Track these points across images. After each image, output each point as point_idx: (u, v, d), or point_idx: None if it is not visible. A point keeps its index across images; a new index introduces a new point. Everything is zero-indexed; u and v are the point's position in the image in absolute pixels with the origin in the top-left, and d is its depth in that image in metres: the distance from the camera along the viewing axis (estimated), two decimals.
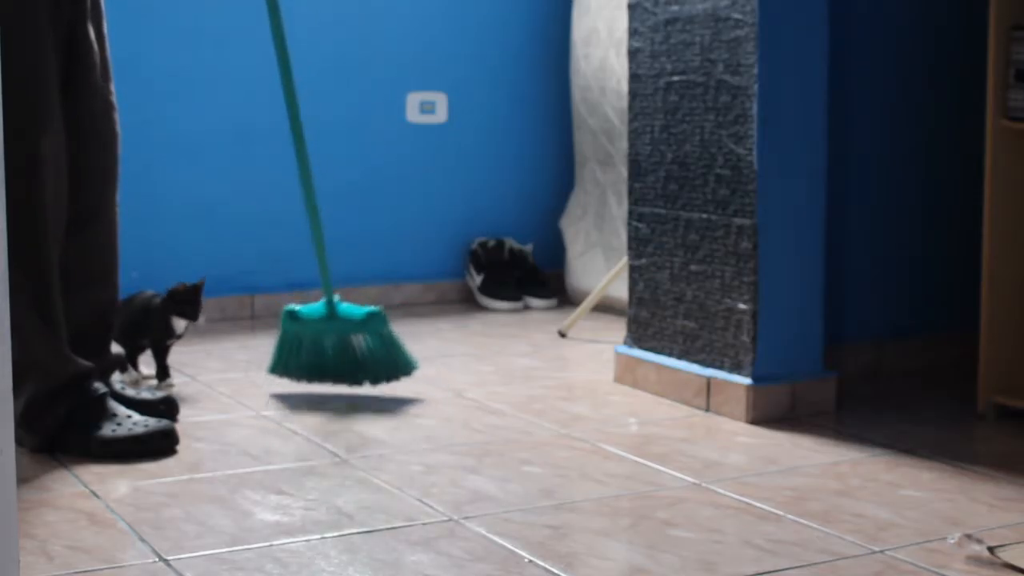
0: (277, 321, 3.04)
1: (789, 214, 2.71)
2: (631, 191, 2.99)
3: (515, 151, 4.30)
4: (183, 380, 3.06)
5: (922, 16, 3.12)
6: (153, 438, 2.42)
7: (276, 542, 1.96)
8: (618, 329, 3.60)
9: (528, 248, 4.21)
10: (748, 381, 2.69)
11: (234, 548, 1.93)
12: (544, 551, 1.92)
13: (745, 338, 2.70)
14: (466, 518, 2.07)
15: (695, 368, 2.82)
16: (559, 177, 4.34)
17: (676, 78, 2.84)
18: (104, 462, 2.37)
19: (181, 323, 2.96)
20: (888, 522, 2.05)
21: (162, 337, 2.98)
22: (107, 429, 2.42)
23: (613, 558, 1.91)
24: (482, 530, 2.01)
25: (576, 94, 4.12)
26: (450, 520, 2.06)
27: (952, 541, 1.90)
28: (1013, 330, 2.75)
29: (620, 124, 3.86)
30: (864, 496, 2.19)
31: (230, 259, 3.89)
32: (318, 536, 1.98)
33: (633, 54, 2.96)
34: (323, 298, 2.91)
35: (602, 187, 4.03)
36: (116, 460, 2.37)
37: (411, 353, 2.93)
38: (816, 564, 1.87)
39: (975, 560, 1.87)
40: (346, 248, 4.01)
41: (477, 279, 4.14)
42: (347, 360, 2.90)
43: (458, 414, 2.76)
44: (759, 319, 2.69)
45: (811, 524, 2.04)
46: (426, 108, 4.15)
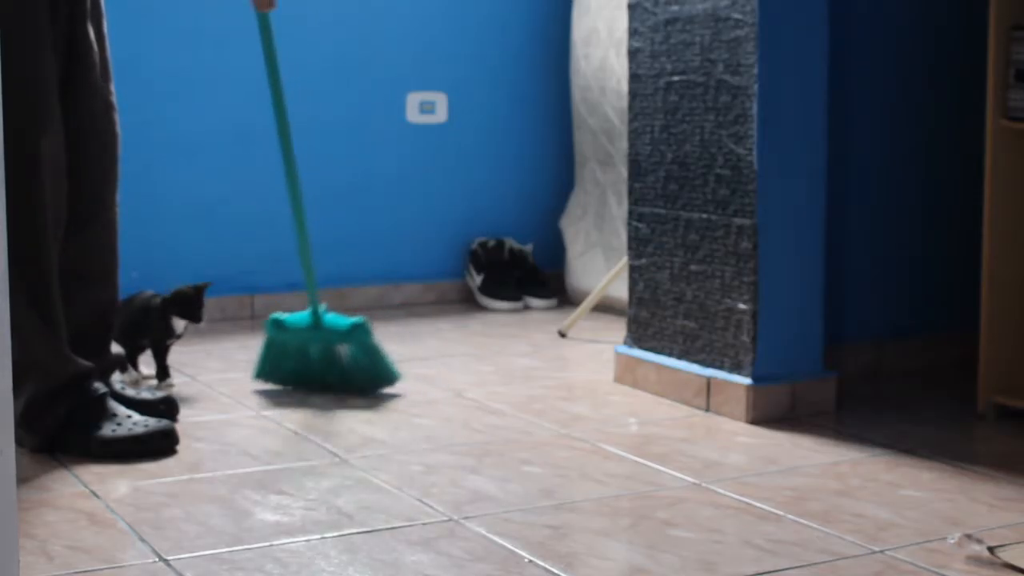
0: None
1: (789, 214, 2.71)
2: (631, 191, 2.99)
3: (515, 151, 4.30)
4: (183, 380, 3.06)
5: (922, 16, 3.12)
6: (153, 438, 2.42)
7: (276, 542, 1.96)
8: (618, 329, 3.60)
9: (528, 248, 4.20)
10: (748, 381, 2.69)
11: (234, 548, 1.93)
12: (544, 551, 1.92)
13: (745, 338, 2.70)
14: (466, 518, 2.07)
15: (695, 368, 2.81)
16: (559, 177, 4.33)
17: (676, 78, 2.84)
18: (104, 462, 2.37)
19: (181, 323, 2.96)
20: (888, 522, 2.05)
21: (162, 337, 2.98)
22: (107, 429, 2.42)
23: (613, 558, 1.91)
24: (482, 530, 2.01)
25: (576, 94, 4.12)
26: (450, 520, 2.06)
27: (952, 541, 1.90)
28: (1013, 330, 2.75)
29: (620, 124, 3.86)
30: (864, 496, 2.19)
31: (230, 259, 3.89)
32: (318, 536, 1.98)
33: (633, 54, 2.96)
34: (309, 307, 2.92)
35: (602, 187, 4.03)
36: (116, 460, 2.37)
37: (394, 364, 2.94)
38: (816, 564, 1.87)
39: (975, 560, 1.87)
40: (346, 248, 4.01)
41: (477, 279, 4.14)
42: (332, 370, 2.91)
43: (458, 414, 2.76)
44: (759, 319, 2.69)
45: (811, 524, 2.04)
46: (426, 108, 4.15)
